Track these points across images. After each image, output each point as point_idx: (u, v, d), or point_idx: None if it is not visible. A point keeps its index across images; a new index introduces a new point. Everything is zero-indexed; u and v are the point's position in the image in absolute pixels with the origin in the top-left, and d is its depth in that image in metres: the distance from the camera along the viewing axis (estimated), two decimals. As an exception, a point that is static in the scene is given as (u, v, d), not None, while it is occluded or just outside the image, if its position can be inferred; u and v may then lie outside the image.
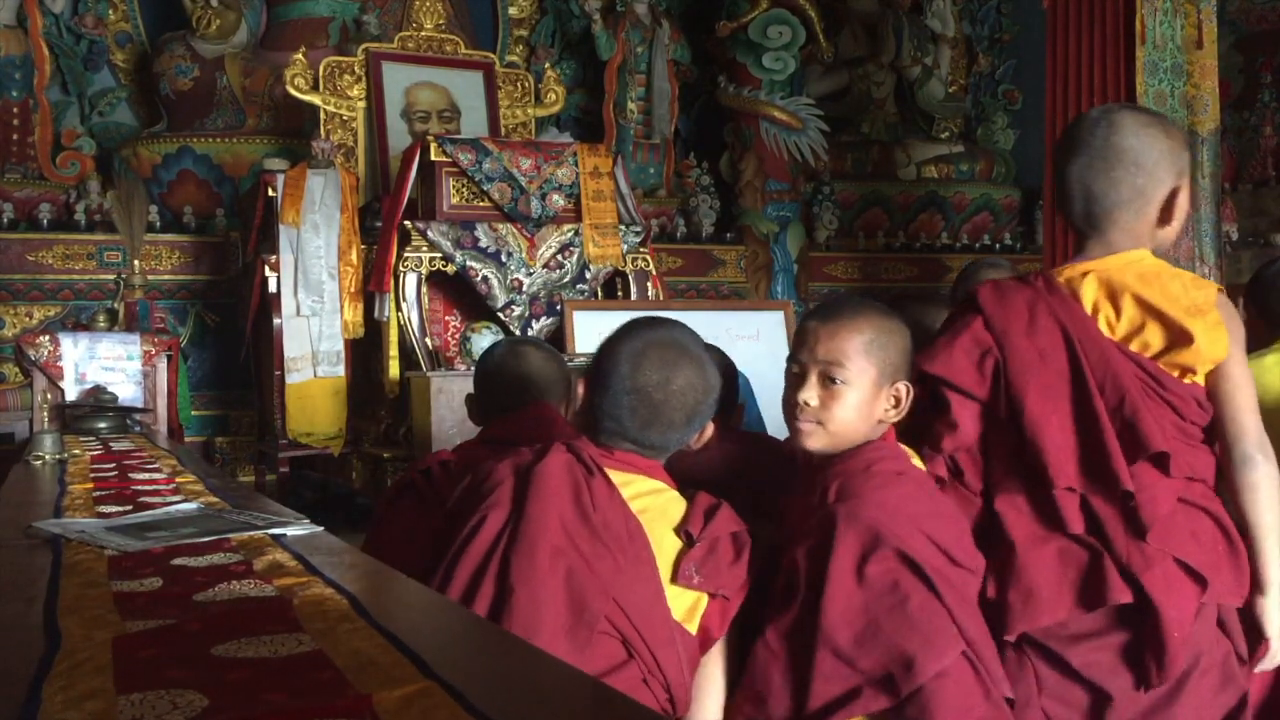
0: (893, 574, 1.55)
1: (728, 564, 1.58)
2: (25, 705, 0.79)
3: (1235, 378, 1.73)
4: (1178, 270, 1.80)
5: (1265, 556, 1.68)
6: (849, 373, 1.68)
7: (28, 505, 1.90)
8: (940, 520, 1.64)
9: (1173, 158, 1.79)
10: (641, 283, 4.88)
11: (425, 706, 0.77)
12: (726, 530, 1.61)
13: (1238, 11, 7.12)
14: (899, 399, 1.72)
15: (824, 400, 1.69)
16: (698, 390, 1.66)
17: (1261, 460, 1.69)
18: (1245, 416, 1.72)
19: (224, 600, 1.11)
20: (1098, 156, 1.78)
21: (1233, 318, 1.75)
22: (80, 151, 6.40)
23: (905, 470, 1.69)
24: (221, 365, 6.10)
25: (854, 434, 1.70)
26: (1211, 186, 5.06)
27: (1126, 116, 1.81)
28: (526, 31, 7.55)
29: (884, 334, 1.71)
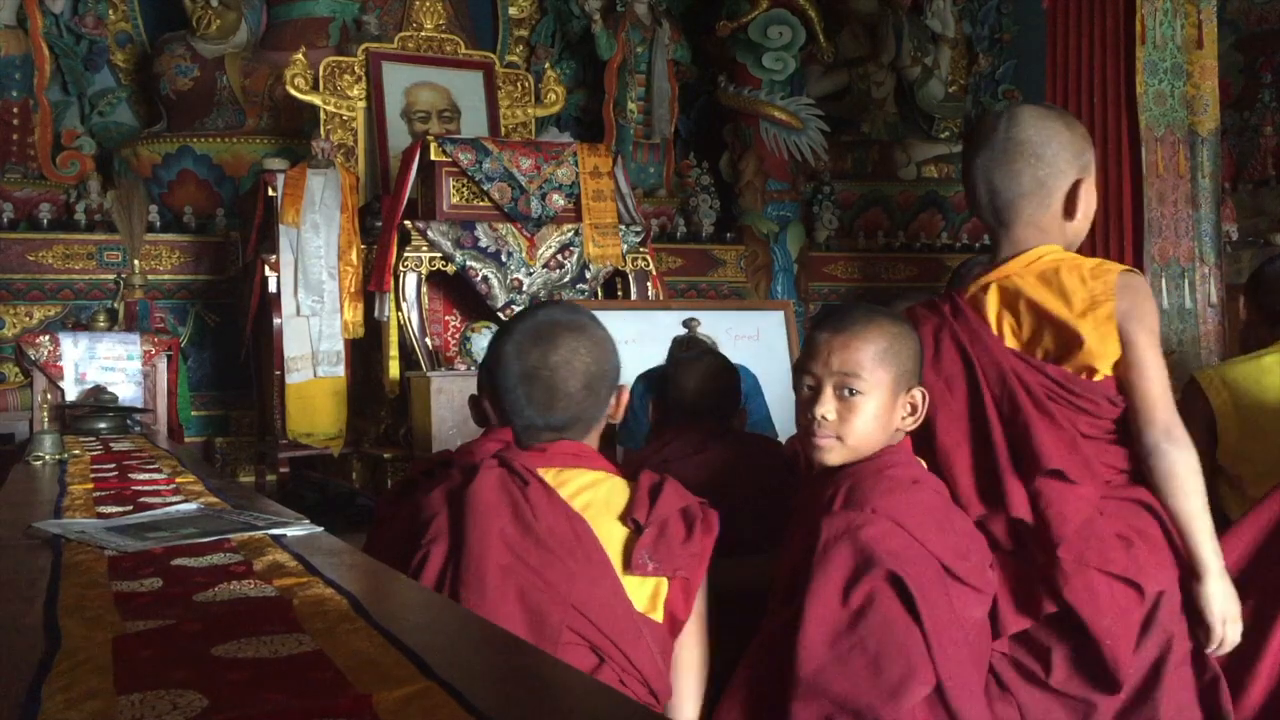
0: (878, 598, 1.51)
1: (680, 543, 1.53)
2: (25, 705, 0.79)
3: (1140, 365, 1.69)
4: (1079, 261, 1.76)
5: (1193, 542, 1.66)
6: (865, 383, 1.65)
7: (28, 505, 1.90)
8: (949, 533, 1.61)
9: (1073, 150, 1.79)
10: (641, 283, 4.88)
11: (425, 706, 0.77)
12: (674, 508, 1.56)
13: (1238, 11, 7.12)
14: (915, 406, 1.70)
15: (842, 414, 1.66)
16: (584, 356, 1.63)
17: (1169, 448, 1.66)
18: (1150, 406, 1.68)
19: (224, 600, 1.11)
20: (999, 150, 1.79)
21: (1139, 301, 1.70)
22: (80, 151, 6.40)
23: (921, 478, 1.66)
24: (221, 365, 6.10)
25: (873, 445, 1.68)
26: (1211, 186, 5.06)
27: (1026, 110, 1.82)
28: (526, 31, 7.55)
29: (896, 341, 1.69)
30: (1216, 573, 1.66)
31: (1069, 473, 1.66)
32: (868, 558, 1.53)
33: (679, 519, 1.55)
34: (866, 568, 1.52)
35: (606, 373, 1.66)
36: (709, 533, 1.57)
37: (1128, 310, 1.69)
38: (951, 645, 1.52)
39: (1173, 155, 4.97)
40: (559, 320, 1.66)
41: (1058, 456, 1.66)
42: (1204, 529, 1.66)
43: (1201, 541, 1.66)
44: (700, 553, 1.55)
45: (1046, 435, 1.67)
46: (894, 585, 1.52)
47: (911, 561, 1.54)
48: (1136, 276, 1.76)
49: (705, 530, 1.57)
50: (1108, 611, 1.62)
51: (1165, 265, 4.93)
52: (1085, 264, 1.75)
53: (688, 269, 6.81)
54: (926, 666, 1.48)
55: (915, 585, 1.51)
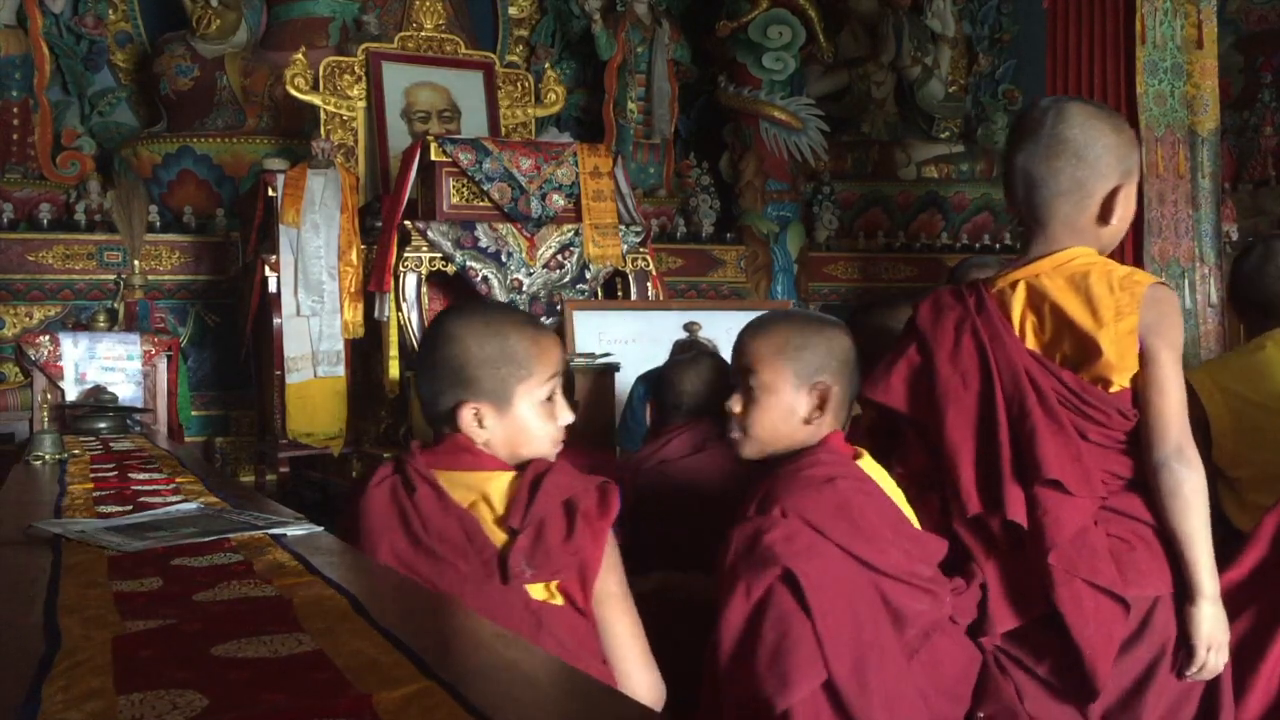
0: (774, 593, 1.53)
1: (559, 543, 1.47)
2: (25, 705, 0.79)
3: (1158, 381, 1.67)
4: (1110, 269, 1.73)
5: (1191, 564, 1.64)
6: (762, 377, 1.71)
7: (28, 505, 1.90)
8: (865, 529, 1.59)
9: (1117, 154, 1.76)
10: (641, 283, 4.87)
11: (425, 706, 0.77)
12: (554, 503, 1.49)
13: (1238, 11, 7.12)
14: (823, 398, 1.72)
15: (745, 406, 1.72)
16: (455, 346, 1.58)
17: (1178, 468, 1.64)
18: (1165, 423, 1.66)
19: (224, 600, 1.11)
20: (1042, 145, 1.77)
21: (1165, 316, 1.68)
22: (80, 151, 6.40)
23: (837, 475, 1.65)
24: (221, 365, 6.10)
25: (779, 438, 1.72)
26: (1211, 186, 5.06)
27: (1075, 108, 1.79)
28: (526, 31, 7.55)
29: (800, 336, 1.73)
30: (1210, 597, 1.64)
31: (1068, 484, 1.65)
32: (767, 558, 1.54)
33: (558, 515, 1.49)
34: (764, 567, 1.54)
35: (449, 364, 1.59)
36: (605, 514, 1.50)
37: (1152, 324, 1.67)
38: (848, 640, 1.52)
39: (1173, 155, 4.97)
40: (448, 312, 1.67)
41: (1058, 466, 1.65)
42: (1203, 552, 1.63)
43: (1199, 564, 1.64)
44: (585, 546, 1.48)
45: (1050, 443, 1.67)
46: (787, 581, 1.53)
47: (810, 559, 1.54)
48: (1165, 290, 1.72)
49: (601, 513, 1.50)
50: (1091, 621, 1.63)
51: (1165, 265, 4.93)
52: (1116, 272, 1.72)
53: (688, 269, 6.81)
54: (816, 660, 1.49)
55: (807, 580, 1.52)
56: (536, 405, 1.59)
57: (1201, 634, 1.63)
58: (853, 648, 1.52)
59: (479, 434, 1.58)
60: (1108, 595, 1.63)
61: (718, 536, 2.03)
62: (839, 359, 1.75)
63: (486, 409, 1.57)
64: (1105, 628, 1.63)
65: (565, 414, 1.64)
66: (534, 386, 1.59)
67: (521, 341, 1.59)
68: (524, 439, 1.59)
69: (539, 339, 1.62)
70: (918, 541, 1.66)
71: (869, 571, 1.58)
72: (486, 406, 1.57)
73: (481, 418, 1.57)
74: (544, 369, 1.60)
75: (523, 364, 1.58)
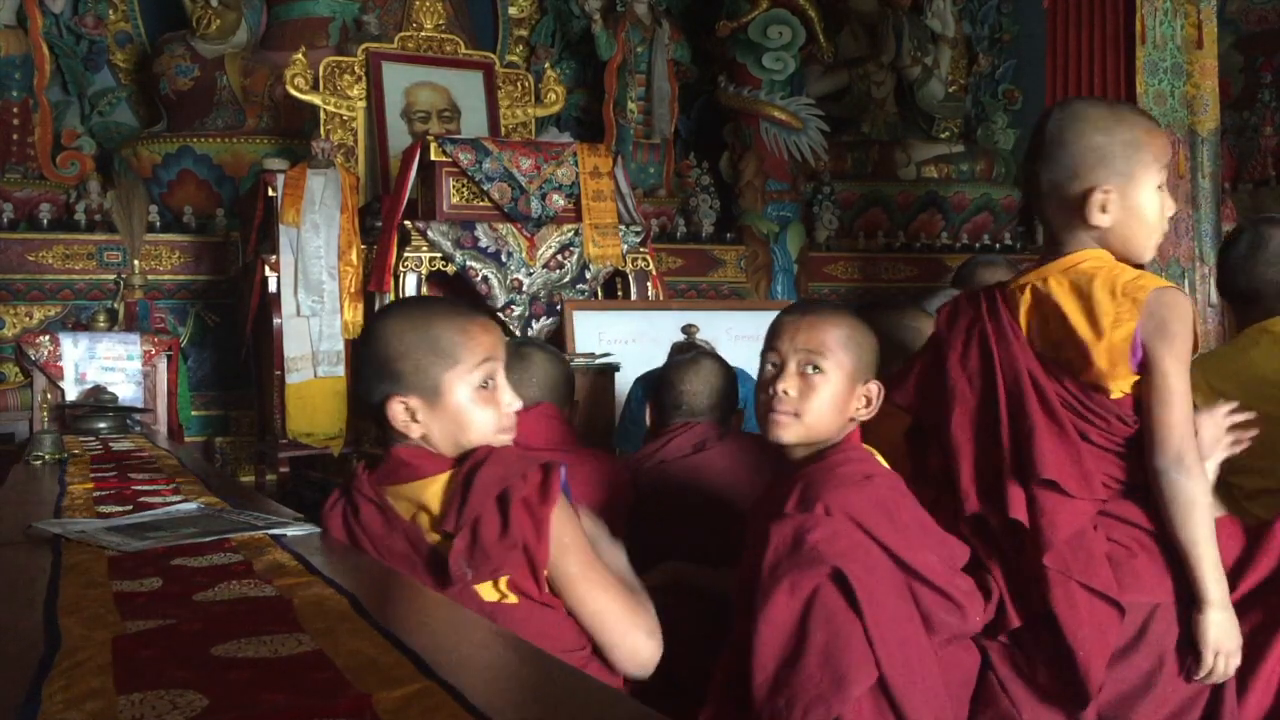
0: (821, 592, 1.52)
1: (495, 540, 1.41)
2: (25, 705, 0.79)
3: (1160, 389, 1.64)
4: (1118, 274, 1.70)
5: (1195, 572, 1.62)
6: (829, 363, 1.70)
7: (28, 505, 1.90)
8: (903, 528, 1.60)
9: (1100, 154, 1.71)
10: (641, 283, 4.87)
11: (425, 706, 0.77)
12: (487, 498, 1.44)
13: (1238, 11, 7.12)
14: (869, 398, 1.74)
15: (802, 390, 1.70)
16: (380, 344, 1.55)
17: (1178, 477, 1.62)
18: (1165, 432, 1.63)
19: (224, 600, 1.11)
20: (1033, 146, 1.79)
21: (1169, 322, 1.65)
22: (80, 151, 6.40)
23: (874, 473, 1.67)
24: (221, 365, 6.10)
25: (827, 428, 1.71)
26: (1211, 186, 5.06)
27: (1071, 108, 1.77)
28: (526, 31, 7.55)
29: (859, 332, 1.74)
30: (1217, 604, 1.62)
31: (1065, 485, 1.65)
32: (813, 557, 1.53)
33: (492, 511, 1.43)
34: (811, 566, 1.53)
35: (373, 359, 1.55)
36: (547, 499, 1.45)
37: (1154, 331, 1.64)
38: (896, 640, 1.51)
39: (1173, 155, 4.97)
40: (380, 310, 1.66)
41: (1055, 467, 1.65)
42: (1206, 558, 1.62)
43: (1203, 572, 1.62)
44: (526, 537, 1.43)
45: (1048, 444, 1.66)
46: (836, 581, 1.53)
47: (857, 558, 1.54)
48: (1173, 295, 1.68)
49: (543, 499, 1.45)
50: (1085, 624, 1.62)
51: (1165, 265, 4.93)
52: (1123, 277, 1.68)
53: (688, 269, 6.81)
54: (868, 660, 1.49)
55: (857, 580, 1.51)
56: (471, 393, 1.54)
57: (1209, 640, 1.61)
58: (901, 646, 1.52)
59: (414, 429, 1.54)
60: (1103, 599, 1.63)
61: (718, 536, 2.03)
62: (878, 362, 1.78)
63: (416, 402, 1.53)
64: (1099, 631, 1.62)
65: (509, 399, 1.58)
66: (463, 374, 1.53)
67: (446, 330, 1.54)
68: (463, 429, 1.54)
69: (466, 326, 1.56)
70: (946, 545, 1.66)
71: (905, 572, 1.58)
72: (416, 400, 1.53)
73: (414, 412, 1.53)
74: (472, 355, 1.54)
75: (448, 352, 1.53)
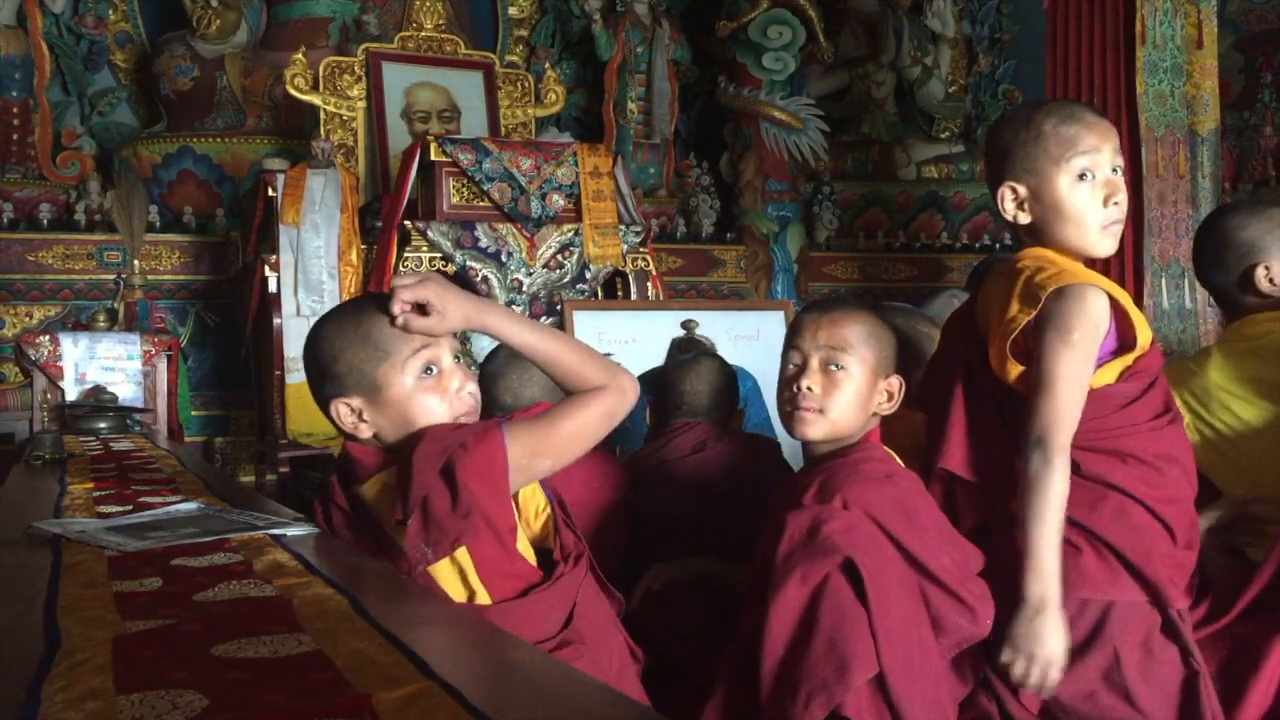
0: (830, 581, 1.53)
1: (448, 512, 1.36)
2: (25, 705, 0.79)
3: (1038, 374, 1.62)
4: (1037, 272, 1.67)
5: (1025, 562, 1.56)
6: (851, 359, 1.71)
7: (28, 505, 1.90)
8: (920, 529, 1.61)
9: (1012, 154, 1.72)
10: (641, 283, 4.88)
11: (425, 706, 0.77)
12: (430, 474, 1.37)
13: (1238, 11, 7.12)
14: (891, 393, 1.76)
15: (826, 387, 1.71)
16: (316, 348, 1.51)
17: (1031, 455, 1.58)
18: (1031, 411, 1.61)
19: (224, 600, 1.11)
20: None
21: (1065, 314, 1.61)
22: (80, 151, 6.40)
23: (894, 472, 1.68)
24: (221, 365, 6.10)
25: (851, 424, 1.73)
26: (1211, 186, 5.06)
27: (1014, 110, 1.83)
28: (526, 31, 7.55)
29: (880, 328, 1.76)
30: (1034, 604, 1.55)
31: (966, 474, 1.67)
32: (827, 547, 1.54)
33: (439, 485, 1.37)
34: (824, 555, 1.54)
35: (311, 364, 1.52)
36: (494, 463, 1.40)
37: (1046, 318, 1.62)
38: (900, 637, 1.52)
39: (1173, 155, 4.97)
40: (338, 305, 1.64)
41: (956, 457, 1.68)
42: (1038, 552, 1.55)
43: (1031, 564, 1.55)
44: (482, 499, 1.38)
45: (956, 434, 1.70)
46: (847, 571, 1.53)
47: (870, 551, 1.55)
48: (1076, 288, 1.63)
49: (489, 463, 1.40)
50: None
51: (1165, 265, 4.93)
52: (1040, 275, 1.66)
53: (688, 269, 6.81)
54: (870, 651, 1.49)
55: (867, 572, 1.52)
56: (412, 383, 1.47)
57: (1015, 643, 1.55)
58: (904, 644, 1.52)
59: (363, 429, 1.49)
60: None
61: (719, 536, 2.03)
62: (896, 357, 1.80)
63: (359, 402, 1.48)
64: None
65: (458, 382, 1.50)
66: (398, 365, 1.46)
67: (376, 325, 1.47)
68: (411, 421, 1.47)
69: None
70: (962, 549, 1.66)
71: (918, 572, 1.58)
72: (358, 400, 1.48)
73: (359, 411, 1.48)
74: (405, 345, 1.46)
75: (379, 345, 1.46)
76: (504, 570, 1.43)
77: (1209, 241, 2.17)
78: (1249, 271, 2.07)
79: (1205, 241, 2.18)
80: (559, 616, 1.46)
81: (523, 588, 1.45)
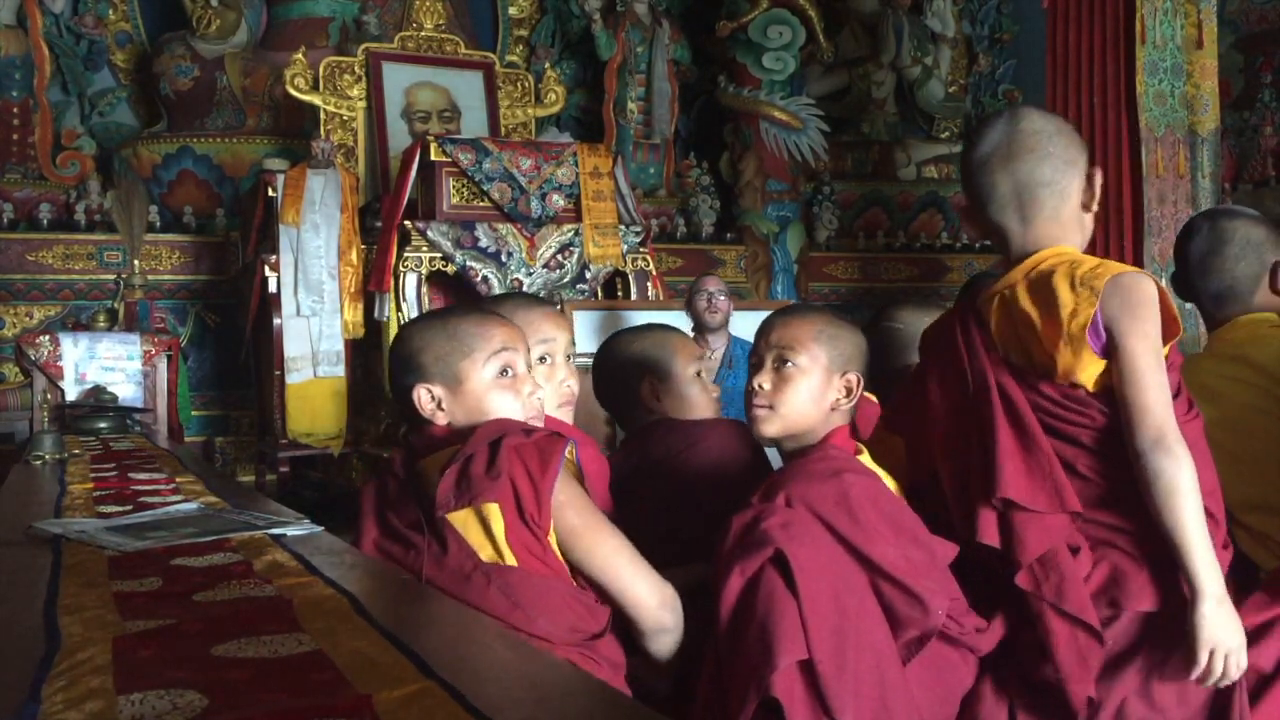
0: (765, 572, 1.56)
1: (482, 472, 1.49)
2: (25, 705, 0.79)
3: (1128, 371, 1.59)
4: (1077, 263, 1.66)
5: (1183, 561, 1.54)
6: (802, 356, 1.75)
7: (28, 505, 1.90)
8: (865, 524, 1.61)
9: (1078, 144, 1.77)
10: (641, 283, 4.88)
11: (425, 706, 0.77)
12: (482, 442, 1.53)
13: (1238, 11, 7.12)
14: (850, 388, 1.77)
15: (776, 384, 1.76)
16: (405, 343, 1.67)
17: (1157, 457, 1.55)
18: (1140, 412, 1.57)
19: (224, 600, 1.11)
20: (1014, 144, 1.78)
21: (1131, 305, 1.61)
22: (80, 151, 6.40)
23: (844, 469, 1.67)
24: (221, 365, 6.10)
25: (805, 420, 1.76)
26: (1211, 186, 5.06)
27: (1026, 108, 1.83)
28: (526, 31, 7.56)
29: (834, 327, 1.80)
30: (1209, 595, 1.52)
31: (1031, 503, 1.61)
32: (762, 540, 1.58)
33: (483, 450, 1.52)
34: (759, 548, 1.58)
35: (399, 357, 1.66)
36: (549, 458, 1.51)
37: (1115, 314, 1.60)
38: (830, 627, 1.54)
39: (1173, 155, 4.97)
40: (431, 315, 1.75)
41: (1016, 485, 1.62)
42: (1195, 545, 1.53)
43: (1191, 560, 1.53)
44: (516, 473, 1.49)
45: (1011, 461, 1.63)
46: (777, 562, 1.56)
47: (803, 542, 1.57)
48: (1134, 278, 1.63)
49: (543, 456, 1.51)
50: (1064, 648, 1.59)
51: (1165, 265, 4.92)
52: (1083, 266, 1.65)
53: (688, 269, 6.81)
54: (798, 636, 1.52)
55: (796, 562, 1.55)
56: (490, 380, 1.63)
57: (1202, 637, 1.52)
58: (835, 632, 1.54)
59: (440, 416, 1.63)
60: (1076, 622, 1.59)
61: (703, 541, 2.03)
62: (863, 354, 1.82)
63: (440, 390, 1.63)
64: (1079, 656, 1.58)
65: (533, 386, 1.67)
66: (479, 362, 1.62)
67: (463, 323, 1.65)
68: (488, 414, 1.62)
69: (483, 319, 1.67)
70: (920, 544, 1.65)
71: (863, 565, 1.59)
72: (439, 388, 1.63)
73: (439, 399, 1.63)
74: (487, 344, 1.63)
75: (464, 341, 1.63)
76: (530, 547, 1.51)
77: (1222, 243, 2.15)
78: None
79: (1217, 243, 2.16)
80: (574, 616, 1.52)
81: (546, 572, 1.52)
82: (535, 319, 1.88)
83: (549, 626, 1.47)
